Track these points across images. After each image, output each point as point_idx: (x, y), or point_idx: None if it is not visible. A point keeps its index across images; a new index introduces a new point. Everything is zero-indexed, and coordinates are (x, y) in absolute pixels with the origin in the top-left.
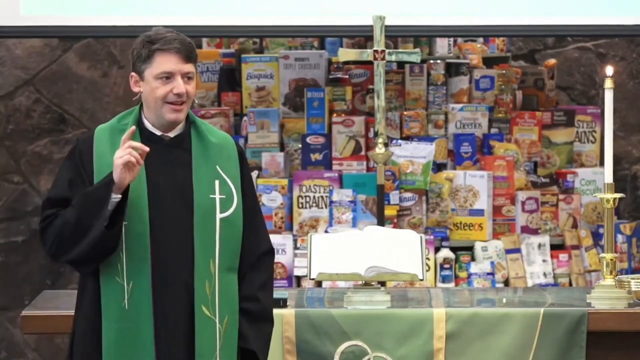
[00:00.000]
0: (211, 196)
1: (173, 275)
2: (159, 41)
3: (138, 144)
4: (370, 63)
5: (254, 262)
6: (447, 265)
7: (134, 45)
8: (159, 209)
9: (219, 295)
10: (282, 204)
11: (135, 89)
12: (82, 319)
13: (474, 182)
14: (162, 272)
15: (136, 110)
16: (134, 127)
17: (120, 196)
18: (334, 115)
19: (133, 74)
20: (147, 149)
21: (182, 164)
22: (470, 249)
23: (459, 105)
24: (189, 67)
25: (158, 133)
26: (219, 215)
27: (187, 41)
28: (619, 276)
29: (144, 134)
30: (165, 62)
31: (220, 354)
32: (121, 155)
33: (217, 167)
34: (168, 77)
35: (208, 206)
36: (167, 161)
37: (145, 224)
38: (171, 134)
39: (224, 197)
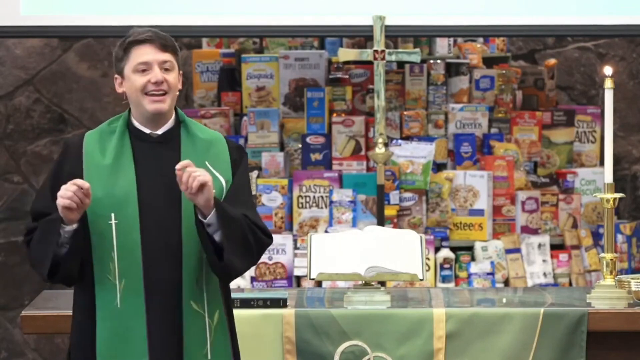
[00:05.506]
0: None
1: (163, 273)
2: (132, 35)
3: (79, 182)
4: (370, 63)
5: None
6: (447, 265)
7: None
8: (148, 207)
9: (207, 291)
10: (282, 204)
11: (120, 90)
12: (78, 320)
13: (474, 182)
14: (152, 270)
15: (125, 113)
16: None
17: (75, 225)
18: (334, 115)
19: (116, 75)
20: (87, 185)
21: (171, 162)
22: (470, 249)
23: (459, 105)
24: (165, 56)
25: (147, 131)
26: None
27: (162, 33)
28: (619, 276)
29: (133, 134)
30: (140, 54)
31: (211, 348)
32: (62, 195)
33: (207, 163)
34: (145, 68)
35: None
36: (156, 159)
37: (135, 223)
38: (159, 131)
39: (214, 192)
